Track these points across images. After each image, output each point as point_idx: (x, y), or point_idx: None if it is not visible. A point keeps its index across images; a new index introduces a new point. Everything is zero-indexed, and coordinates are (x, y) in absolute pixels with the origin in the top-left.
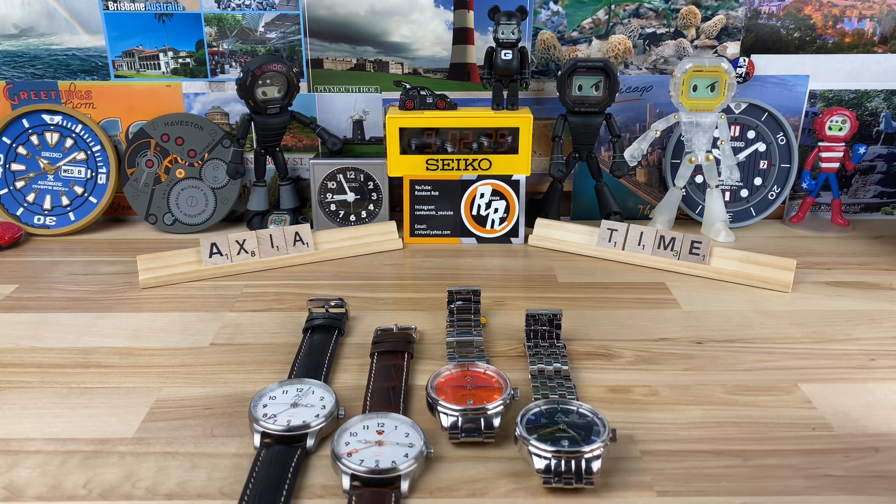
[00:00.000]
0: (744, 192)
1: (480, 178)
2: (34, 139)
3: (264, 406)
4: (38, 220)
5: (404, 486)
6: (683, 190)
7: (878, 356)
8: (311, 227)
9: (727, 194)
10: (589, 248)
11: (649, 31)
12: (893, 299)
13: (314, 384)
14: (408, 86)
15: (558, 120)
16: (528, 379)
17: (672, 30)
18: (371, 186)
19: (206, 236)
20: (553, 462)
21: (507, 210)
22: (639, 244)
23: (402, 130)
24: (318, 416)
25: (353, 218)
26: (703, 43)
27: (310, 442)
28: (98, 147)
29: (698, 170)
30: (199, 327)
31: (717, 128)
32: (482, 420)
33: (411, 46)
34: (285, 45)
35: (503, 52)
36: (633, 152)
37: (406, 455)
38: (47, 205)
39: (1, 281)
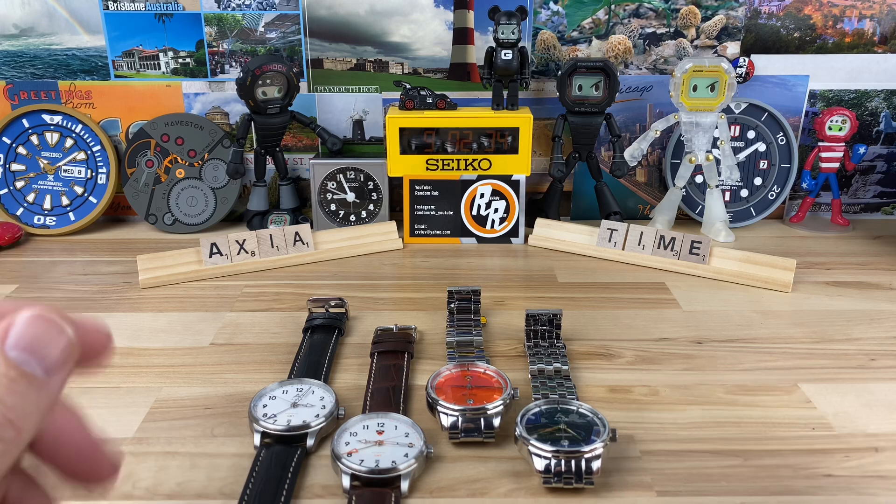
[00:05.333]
0: (744, 192)
1: (480, 178)
2: (34, 139)
3: (264, 406)
4: (38, 220)
5: (404, 485)
6: (683, 190)
7: (878, 356)
8: (311, 227)
9: (727, 194)
10: (589, 248)
11: (649, 31)
12: (893, 299)
13: (314, 384)
14: (408, 86)
15: (558, 120)
16: (528, 379)
17: (672, 30)
18: (371, 186)
19: (206, 236)
20: (553, 462)
21: (507, 210)
22: (639, 244)
23: (402, 130)
24: (318, 415)
25: (353, 218)
26: (703, 43)
27: (310, 442)
28: (98, 147)
29: (698, 170)
30: (199, 327)
31: (717, 128)
32: (482, 420)
33: (411, 46)
34: (285, 45)
35: (503, 52)
36: (633, 152)
37: (406, 455)
38: (47, 205)
39: (1, 281)
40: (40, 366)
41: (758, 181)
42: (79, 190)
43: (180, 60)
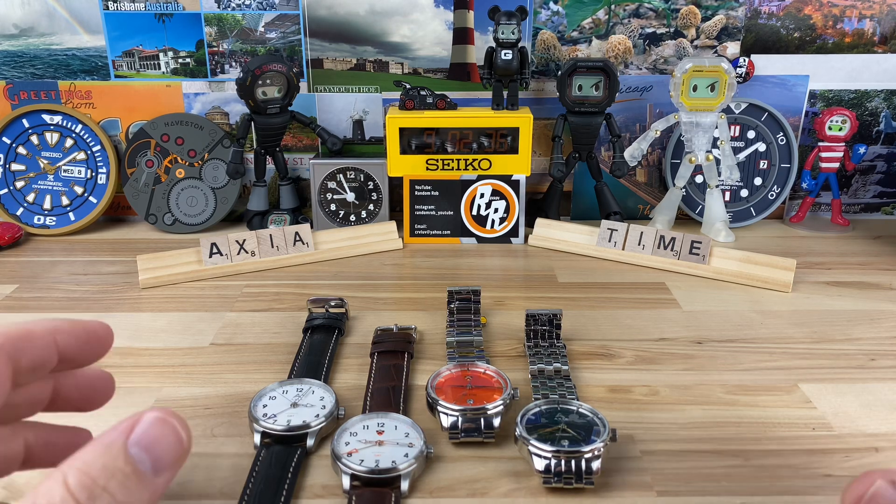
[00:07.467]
0: (744, 192)
1: (480, 178)
2: (34, 139)
3: (264, 406)
4: (38, 220)
5: (404, 485)
6: (683, 190)
7: (878, 356)
8: (311, 227)
9: (727, 194)
10: (589, 248)
11: (649, 31)
12: (893, 299)
13: (314, 384)
14: (408, 86)
15: (558, 120)
16: (528, 379)
17: (672, 30)
18: (371, 186)
19: (206, 236)
20: (553, 462)
21: (507, 210)
22: (639, 244)
23: (402, 130)
24: (318, 416)
25: (353, 218)
26: (703, 43)
27: (310, 442)
28: (98, 147)
29: (698, 170)
30: (199, 327)
31: (717, 128)
32: (482, 420)
33: (411, 46)
34: (285, 45)
35: (503, 52)
36: (633, 152)
37: (406, 455)
38: (47, 205)
39: (1, 281)
40: (153, 466)
41: (758, 181)
42: (79, 190)
43: (180, 60)
